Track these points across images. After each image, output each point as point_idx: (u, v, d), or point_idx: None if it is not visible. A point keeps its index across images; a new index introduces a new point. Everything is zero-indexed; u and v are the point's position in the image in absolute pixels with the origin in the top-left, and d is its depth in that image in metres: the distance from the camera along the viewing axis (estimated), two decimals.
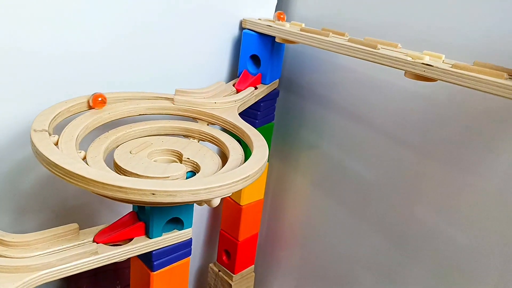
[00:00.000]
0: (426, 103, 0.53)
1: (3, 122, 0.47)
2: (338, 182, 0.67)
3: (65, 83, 0.50)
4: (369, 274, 0.64)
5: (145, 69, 0.56)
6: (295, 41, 0.54)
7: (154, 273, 0.47)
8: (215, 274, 0.75)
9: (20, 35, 0.44)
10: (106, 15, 0.49)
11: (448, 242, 0.54)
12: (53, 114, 0.43)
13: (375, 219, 0.62)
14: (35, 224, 0.55)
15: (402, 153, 0.57)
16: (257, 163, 0.41)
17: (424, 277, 0.57)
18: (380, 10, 0.56)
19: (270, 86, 0.62)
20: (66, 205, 0.58)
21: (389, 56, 0.44)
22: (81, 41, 0.49)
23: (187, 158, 0.46)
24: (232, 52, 0.63)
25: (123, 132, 0.48)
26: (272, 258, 0.81)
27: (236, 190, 0.39)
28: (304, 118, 0.69)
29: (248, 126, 0.49)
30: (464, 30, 0.48)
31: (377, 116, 0.59)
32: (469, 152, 0.50)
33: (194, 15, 0.57)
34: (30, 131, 0.40)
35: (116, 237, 0.43)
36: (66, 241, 0.41)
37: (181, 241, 0.47)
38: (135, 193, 0.35)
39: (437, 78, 0.41)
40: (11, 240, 0.40)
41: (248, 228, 0.70)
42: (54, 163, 0.35)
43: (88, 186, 0.35)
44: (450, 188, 0.53)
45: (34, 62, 0.46)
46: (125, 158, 0.43)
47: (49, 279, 0.39)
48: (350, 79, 0.62)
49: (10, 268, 0.37)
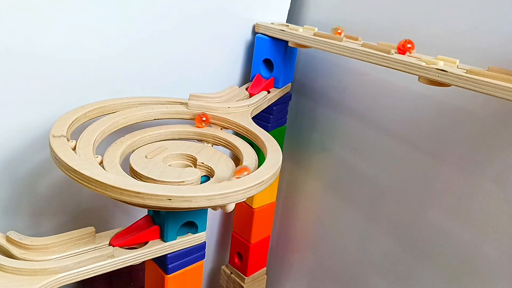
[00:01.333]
0: (438, 107, 0.53)
1: (20, 127, 0.48)
2: (350, 185, 0.67)
3: (80, 88, 0.50)
4: (381, 277, 0.64)
5: (159, 74, 0.56)
6: (308, 46, 0.54)
7: (168, 276, 0.47)
8: (227, 276, 0.76)
9: (36, 40, 0.45)
10: (121, 21, 0.50)
11: (461, 245, 0.54)
12: (70, 119, 0.44)
13: (387, 222, 0.62)
14: (50, 227, 0.56)
15: (414, 156, 0.57)
16: (271, 168, 0.42)
17: (436, 280, 0.57)
18: (394, 14, 0.56)
19: (283, 90, 0.63)
20: (81, 208, 0.59)
21: (403, 61, 0.44)
22: (97, 47, 0.50)
23: (202, 163, 0.46)
24: (245, 57, 0.63)
25: (138, 137, 0.48)
26: (284, 260, 0.81)
27: (251, 195, 0.39)
28: (316, 121, 0.69)
29: (261, 131, 0.50)
30: (479, 35, 0.48)
31: (389, 119, 0.59)
32: (481, 155, 0.50)
33: (207, 20, 0.57)
34: (49, 137, 0.40)
35: (131, 240, 0.44)
36: (83, 244, 0.42)
37: (195, 245, 0.48)
38: (152, 199, 0.35)
39: (451, 84, 0.41)
40: (29, 244, 0.40)
41: (260, 230, 0.70)
42: (73, 169, 0.36)
43: (106, 192, 0.36)
44: (463, 192, 0.53)
45: (50, 67, 0.47)
46: (141, 162, 0.43)
47: (66, 282, 0.39)
48: (362, 83, 0.62)
49: (29, 271, 0.38)
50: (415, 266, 0.59)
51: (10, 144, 0.48)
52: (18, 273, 0.37)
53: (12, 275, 0.37)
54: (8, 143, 0.48)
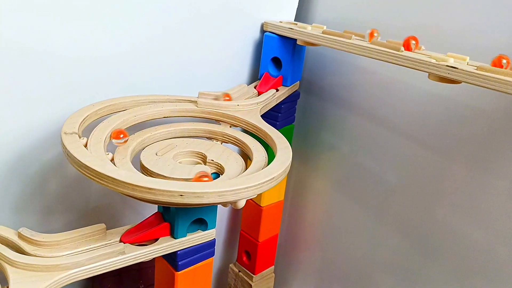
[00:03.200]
0: (447, 104, 0.53)
1: (31, 124, 0.48)
2: (358, 183, 0.66)
3: (90, 86, 0.51)
4: (389, 277, 0.64)
5: (168, 71, 0.57)
6: (317, 44, 0.54)
7: (178, 273, 0.47)
8: (235, 274, 0.76)
9: (47, 39, 0.45)
10: (130, 19, 0.50)
11: (470, 244, 0.54)
12: (81, 117, 0.44)
13: (396, 221, 0.62)
14: (61, 224, 0.57)
15: (423, 154, 0.57)
16: (282, 165, 0.42)
17: (445, 280, 0.57)
18: (402, 11, 0.56)
19: (291, 88, 0.63)
20: (90, 206, 0.59)
21: (413, 59, 0.44)
22: (106, 45, 0.50)
23: (211, 160, 0.46)
24: (253, 55, 0.63)
25: (148, 135, 0.49)
26: (292, 259, 0.81)
27: (262, 191, 0.39)
28: (324, 119, 0.69)
29: (271, 128, 0.50)
30: (488, 32, 0.48)
31: (398, 117, 0.59)
32: (491, 153, 0.50)
33: (216, 19, 0.57)
34: (61, 134, 0.41)
35: (142, 237, 0.44)
36: (93, 241, 0.42)
37: (205, 242, 0.48)
38: (164, 194, 0.35)
39: (462, 81, 0.41)
40: (41, 240, 0.41)
41: (268, 229, 0.71)
42: (86, 165, 0.36)
43: (118, 188, 0.36)
44: (472, 190, 0.53)
45: (60, 65, 0.48)
46: (151, 160, 0.44)
47: (78, 278, 0.40)
48: (370, 81, 0.62)
49: (41, 267, 0.38)
50: (424, 265, 0.59)
51: (20, 141, 0.49)
52: (31, 269, 0.38)
53: (24, 271, 0.38)
54: (19, 141, 0.49)
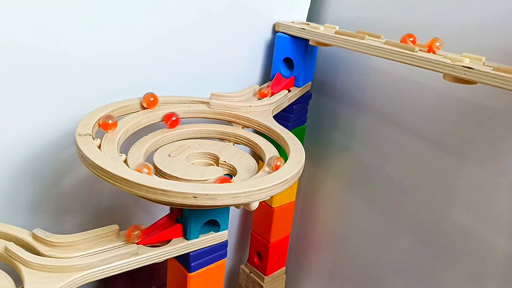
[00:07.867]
0: (461, 105, 0.53)
1: (44, 125, 0.49)
2: (370, 184, 0.66)
3: (101, 87, 0.51)
4: (401, 278, 0.64)
5: (180, 72, 0.57)
6: (330, 44, 0.54)
7: (191, 274, 0.47)
8: (246, 275, 0.76)
9: (59, 40, 0.46)
10: (142, 20, 0.50)
11: (484, 245, 0.53)
12: (95, 118, 0.44)
13: (408, 222, 0.61)
14: (73, 225, 0.57)
15: (437, 155, 0.56)
16: (294, 166, 0.42)
17: (458, 281, 0.56)
18: (416, 11, 0.55)
19: (303, 89, 0.62)
20: (102, 207, 0.59)
21: (428, 59, 0.44)
22: (119, 46, 0.50)
23: (224, 161, 0.46)
24: (265, 55, 0.63)
25: (161, 136, 0.49)
26: (303, 260, 0.81)
27: (275, 193, 0.39)
28: (336, 120, 0.69)
29: (283, 130, 0.49)
30: (503, 32, 0.47)
31: (411, 118, 0.59)
32: (506, 154, 0.49)
33: (228, 19, 0.57)
34: (75, 135, 0.41)
35: (155, 238, 0.44)
36: (107, 242, 0.42)
37: (217, 243, 0.48)
38: (178, 196, 0.35)
39: (478, 81, 0.41)
40: (55, 241, 0.41)
41: (279, 230, 0.70)
42: (100, 167, 0.36)
43: (132, 189, 0.36)
44: (486, 191, 0.52)
45: (72, 66, 0.48)
46: (164, 161, 0.44)
47: (92, 279, 0.40)
48: (383, 81, 0.61)
49: (55, 268, 0.38)
50: (436, 266, 0.59)
51: (33, 143, 0.49)
52: (45, 270, 0.38)
53: (39, 272, 0.38)
54: (32, 142, 0.49)
